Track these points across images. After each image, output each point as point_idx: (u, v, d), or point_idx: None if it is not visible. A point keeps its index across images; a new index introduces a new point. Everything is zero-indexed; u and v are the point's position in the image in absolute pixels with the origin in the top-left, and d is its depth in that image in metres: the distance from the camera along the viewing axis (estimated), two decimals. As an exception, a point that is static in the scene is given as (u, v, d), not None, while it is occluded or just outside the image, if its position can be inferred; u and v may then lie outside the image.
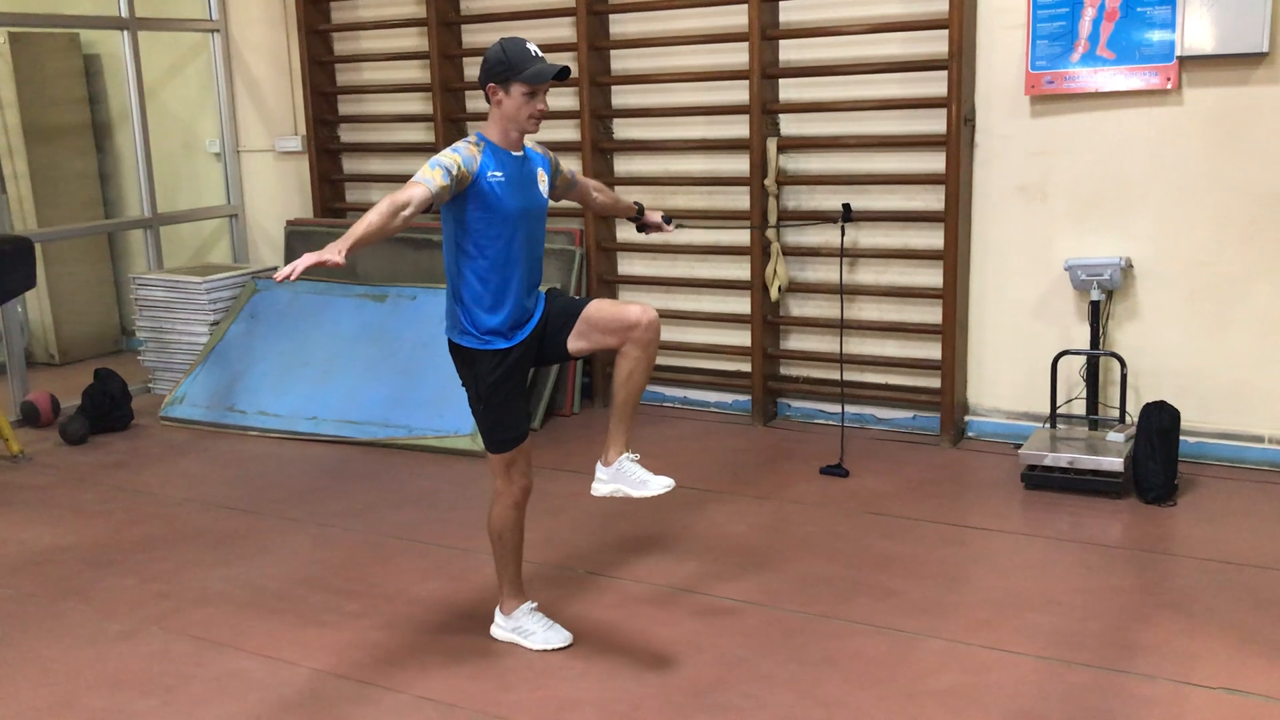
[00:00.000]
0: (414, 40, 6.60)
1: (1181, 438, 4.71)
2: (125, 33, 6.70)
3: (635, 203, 4.02)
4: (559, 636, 3.59)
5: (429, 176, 3.18)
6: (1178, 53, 4.73)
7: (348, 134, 7.03)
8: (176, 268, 7.13)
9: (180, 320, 6.63)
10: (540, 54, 3.31)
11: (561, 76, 3.30)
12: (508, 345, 3.40)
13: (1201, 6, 4.62)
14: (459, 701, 3.29)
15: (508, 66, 3.27)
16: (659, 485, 3.34)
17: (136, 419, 6.21)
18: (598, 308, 3.42)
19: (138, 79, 6.75)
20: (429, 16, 6.36)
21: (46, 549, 4.52)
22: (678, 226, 4.13)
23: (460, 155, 3.25)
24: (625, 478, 3.39)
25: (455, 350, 3.47)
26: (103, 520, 4.82)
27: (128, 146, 7.55)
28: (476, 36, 6.46)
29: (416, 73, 6.65)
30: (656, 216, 4.04)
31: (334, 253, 2.95)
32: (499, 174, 3.31)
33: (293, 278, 2.90)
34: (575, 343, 3.43)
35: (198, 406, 6.18)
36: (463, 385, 3.52)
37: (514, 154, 3.39)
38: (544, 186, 3.49)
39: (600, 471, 3.44)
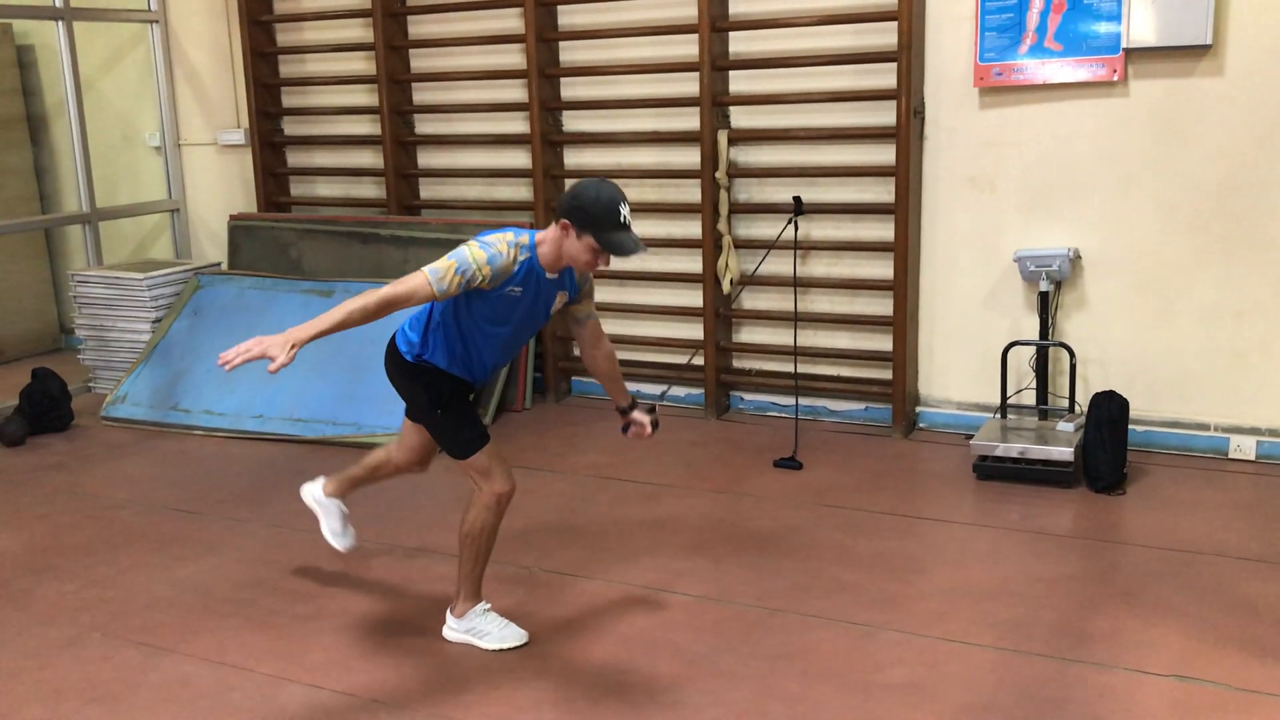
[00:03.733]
0: (359, 31, 6.50)
1: (1130, 426, 4.76)
2: (60, 23, 6.54)
3: (631, 396, 3.71)
4: (514, 635, 3.55)
5: (446, 281, 3.06)
6: (1123, 45, 4.76)
7: (292, 126, 6.91)
8: (117, 264, 6.98)
9: (121, 318, 6.49)
10: (629, 219, 3.14)
11: (637, 251, 3.13)
12: (454, 373, 3.41)
13: (1147, -1, 4.67)
14: (413, 705, 3.24)
15: (591, 220, 3.10)
16: (346, 544, 3.84)
17: (77, 419, 6.07)
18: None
19: (74, 71, 6.58)
20: (374, 7, 6.26)
21: (-16, 554, 4.40)
22: (654, 422, 3.73)
23: (492, 269, 3.11)
24: (329, 516, 3.77)
25: (401, 364, 3.43)
26: (41, 524, 4.70)
27: (64, 140, 7.37)
28: (422, 27, 6.37)
29: (362, 64, 6.55)
30: (644, 417, 3.68)
31: (284, 351, 2.92)
32: (518, 290, 3.22)
33: (230, 368, 2.93)
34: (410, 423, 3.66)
35: (140, 406, 6.05)
36: (407, 398, 3.49)
37: (549, 276, 3.26)
38: (556, 306, 3.38)
39: (317, 486, 3.89)
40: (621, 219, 3.13)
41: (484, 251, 3.12)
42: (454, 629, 3.59)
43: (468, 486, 3.51)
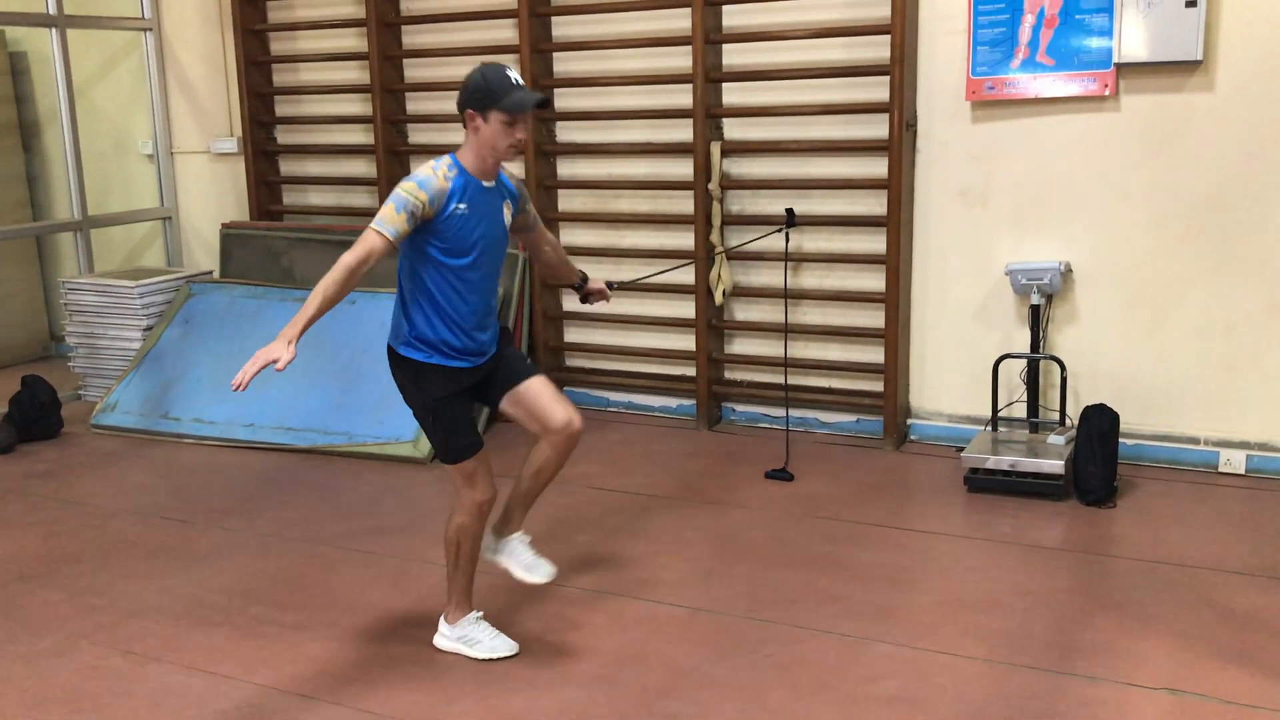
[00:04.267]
0: (353, 41, 6.51)
1: (1120, 440, 4.76)
2: (54, 30, 6.54)
3: (581, 271, 3.93)
4: (505, 645, 3.54)
5: (392, 223, 3.11)
6: (1115, 60, 4.79)
7: (285, 135, 6.91)
8: (108, 272, 6.96)
9: (112, 325, 6.48)
10: (521, 82, 3.23)
11: (543, 106, 3.25)
12: (455, 365, 3.36)
13: (1138, 15, 4.69)
14: (403, 714, 3.23)
15: (488, 93, 3.19)
16: (544, 574, 3.57)
17: (66, 427, 6.05)
18: (536, 391, 3.46)
19: (67, 78, 6.58)
20: (368, 17, 6.27)
21: (-28, 562, 4.38)
22: (617, 288, 4.08)
23: (428, 193, 3.16)
24: (514, 557, 3.58)
25: (399, 362, 3.39)
26: (30, 532, 4.68)
27: (56, 147, 7.36)
28: (416, 38, 6.38)
29: (356, 73, 6.55)
30: (599, 284, 3.95)
31: (284, 349, 2.98)
32: (463, 206, 3.24)
33: (244, 387, 2.96)
34: (507, 405, 3.48)
35: (130, 414, 6.04)
36: (404, 399, 3.45)
37: (485, 184, 3.31)
38: (506, 218, 3.43)
39: (488, 540, 3.62)
40: (514, 81, 3.22)
41: (411, 181, 3.19)
42: (446, 636, 3.59)
43: (452, 493, 3.50)
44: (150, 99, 7.17)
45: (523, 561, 3.58)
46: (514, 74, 3.23)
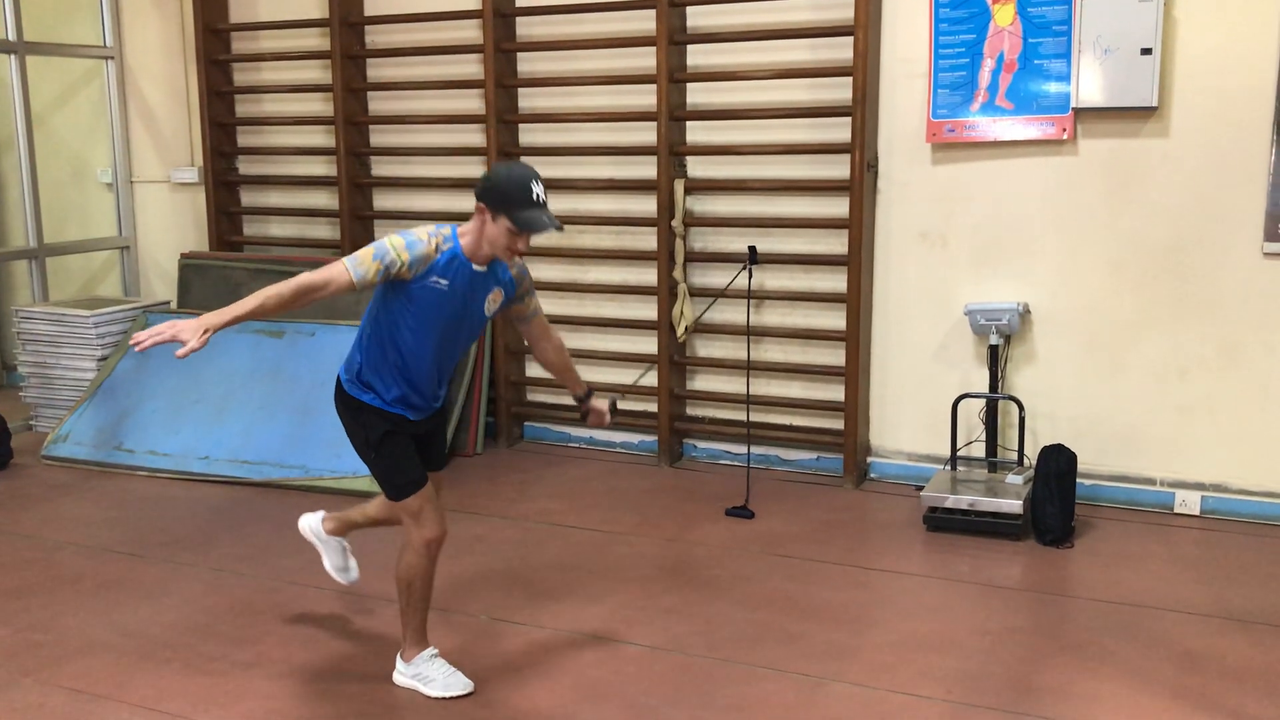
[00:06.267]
0: (317, 73, 6.50)
1: (1078, 480, 4.80)
2: (13, 56, 6.48)
3: (588, 385, 3.82)
4: (459, 684, 3.50)
5: (363, 267, 3.07)
6: (1073, 104, 4.86)
7: (247, 166, 6.87)
8: (63, 300, 6.87)
9: (66, 355, 6.38)
10: (543, 197, 3.15)
11: (555, 230, 3.15)
12: (394, 412, 3.35)
13: (1095, 61, 4.77)
14: (355, 754, 3.18)
15: (504, 199, 3.11)
16: (350, 578, 3.83)
17: (16, 458, 5.94)
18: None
19: (25, 104, 6.52)
20: (333, 49, 6.26)
21: (-86, 596, 4.28)
22: (619, 410, 4.02)
23: (411, 255, 3.11)
24: (331, 554, 3.81)
25: (343, 395, 3.39)
26: (-24, 565, 4.58)
27: (13, 173, 7.27)
28: (381, 70, 6.38)
29: (319, 105, 6.53)
30: (602, 405, 3.79)
31: (195, 335, 2.88)
32: (444, 282, 3.18)
33: (141, 347, 2.87)
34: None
35: (83, 445, 5.94)
36: (348, 434, 3.43)
37: (476, 268, 3.24)
38: (492, 306, 3.35)
39: (322, 534, 3.80)
40: (534, 196, 3.13)
41: (403, 239, 3.13)
42: (402, 674, 3.55)
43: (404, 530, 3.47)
44: (110, 127, 7.11)
45: (335, 562, 3.94)
46: (538, 188, 3.14)
